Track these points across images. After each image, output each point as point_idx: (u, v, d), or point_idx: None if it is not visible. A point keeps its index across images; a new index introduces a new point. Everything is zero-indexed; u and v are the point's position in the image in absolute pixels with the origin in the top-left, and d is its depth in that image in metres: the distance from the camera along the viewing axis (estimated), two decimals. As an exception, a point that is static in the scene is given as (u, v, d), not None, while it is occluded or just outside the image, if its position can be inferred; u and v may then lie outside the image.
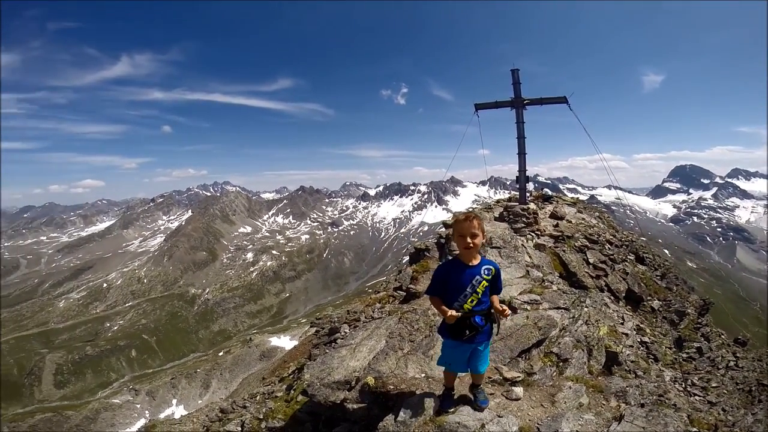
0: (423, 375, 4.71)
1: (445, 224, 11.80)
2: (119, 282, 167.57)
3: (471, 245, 3.42)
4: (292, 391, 10.44)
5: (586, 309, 7.29)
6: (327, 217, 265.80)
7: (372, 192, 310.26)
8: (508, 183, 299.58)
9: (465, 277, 3.49)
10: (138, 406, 61.17)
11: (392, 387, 4.62)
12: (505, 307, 3.59)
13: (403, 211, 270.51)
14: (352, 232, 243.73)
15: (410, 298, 8.43)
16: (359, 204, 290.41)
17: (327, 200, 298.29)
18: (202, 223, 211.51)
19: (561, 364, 5.45)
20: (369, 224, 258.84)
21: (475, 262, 3.54)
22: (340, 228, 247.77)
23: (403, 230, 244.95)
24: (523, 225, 11.43)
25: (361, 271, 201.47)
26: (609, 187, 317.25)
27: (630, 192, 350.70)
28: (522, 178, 12.36)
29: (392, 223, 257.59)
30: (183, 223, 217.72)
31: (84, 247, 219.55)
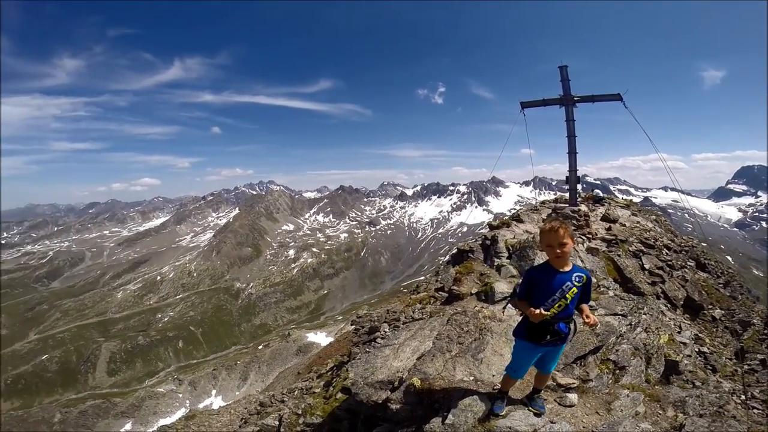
0: (471, 378, 4.65)
1: (490, 225, 11.55)
2: (171, 275, 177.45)
3: (560, 254, 3.43)
4: (331, 388, 10.58)
5: (644, 316, 7.00)
6: (365, 217, 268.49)
7: (409, 192, 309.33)
8: (553, 183, 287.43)
9: (555, 282, 3.49)
10: (180, 395, 63.48)
11: (439, 389, 4.59)
12: (593, 318, 3.54)
13: (441, 212, 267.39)
14: (389, 232, 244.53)
15: (453, 299, 8.33)
16: (396, 204, 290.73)
17: (365, 199, 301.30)
18: (248, 221, 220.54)
19: (618, 371, 5.31)
20: (406, 224, 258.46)
21: (567, 268, 3.53)
22: (378, 227, 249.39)
23: (440, 231, 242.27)
24: (573, 228, 10.95)
25: (397, 270, 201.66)
26: (665, 188, 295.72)
27: (689, 194, 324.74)
28: (572, 179, 11.84)
29: (430, 223, 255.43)
30: (230, 220, 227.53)
31: (141, 241, 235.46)
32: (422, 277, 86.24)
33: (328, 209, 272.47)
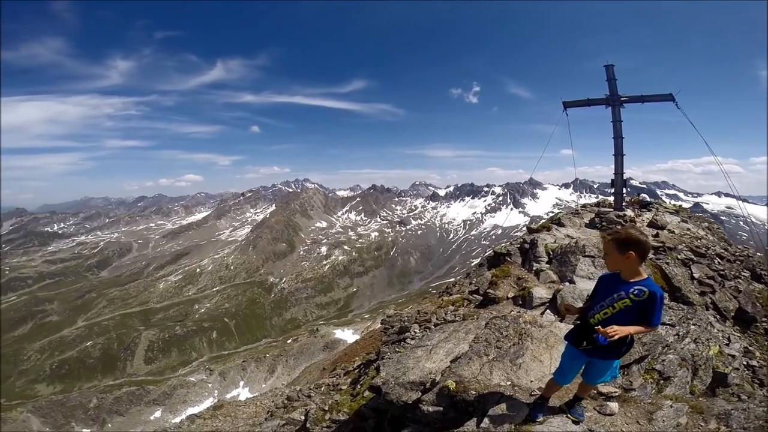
0: (509, 383, 4.58)
1: (529, 229, 11.25)
2: (210, 267, 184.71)
3: (606, 263, 3.37)
4: (358, 386, 10.66)
5: (692, 327, 6.73)
6: (396, 216, 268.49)
7: (442, 192, 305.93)
8: (595, 186, 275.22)
9: (611, 288, 3.35)
10: (209, 385, 65.73)
11: (474, 392, 4.56)
12: (614, 330, 3.16)
13: (474, 213, 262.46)
14: (419, 232, 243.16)
15: (488, 303, 8.20)
16: (428, 204, 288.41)
17: (396, 199, 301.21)
18: (283, 217, 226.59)
19: (662, 381, 5.16)
20: (437, 225, 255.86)
21: (635, 278, 3.27)
22: (408, 227, 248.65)
23: (473, 232, 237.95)
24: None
25: (426, 271, 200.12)
26: (718, 194, 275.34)
27: (746, 200, 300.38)
28: (619, 182, 11.35)
29: (462, 224, 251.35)
30: (267, 216, 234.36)
31: (184, 234, 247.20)
32: (452, 279, 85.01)
33: (360, 208, 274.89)
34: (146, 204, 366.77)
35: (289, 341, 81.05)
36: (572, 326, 3.79)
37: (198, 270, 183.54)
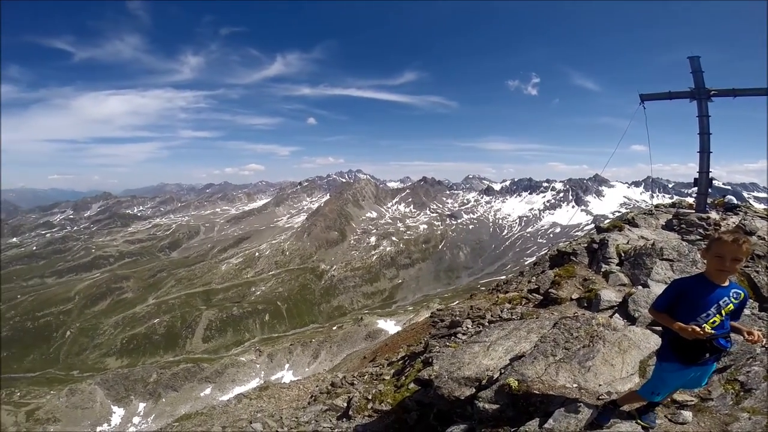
0: (575, 385, 4.45)
1: (598, 228, 10.62)
2: (268, 252, 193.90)
3: (727, 269, 3.09)
4: (403, 378, 10.64)
5: None
6: (446, 209, 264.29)
7: (497, 186, 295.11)
8: (670, 186, 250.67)
9: (712, 296, 3.16)
10: (258, 366, 68.57)
11: (537, 392, 4.47)
12: (758, 333, 3.16)
13: (531, 209, 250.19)
14: (471, 226, 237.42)
15: (549, 303, 7.91)
16: (481, 198, 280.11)
17: (448, 192, 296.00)
18: (336, 206, 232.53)
19: (742, 393, 4.81)
20: (490, 220, 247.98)
21: (726, 283, 3.19)
22: (459, 221, 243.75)
23: (529, 229, 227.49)
24: (698, 237, 9.58)
25: (476, 267, 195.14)
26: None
27: None
28: (703, 181, 10.36)
29: (517, 220, 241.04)
30: (321, 205, 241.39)
31: (245, 220, 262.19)
32: (503, 277, 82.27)
33: (410, 200, 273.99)
34: (213, 191, 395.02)
35: (334, 328, 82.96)
36: (665, 343, 3.48)
37: (257, 254, 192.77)
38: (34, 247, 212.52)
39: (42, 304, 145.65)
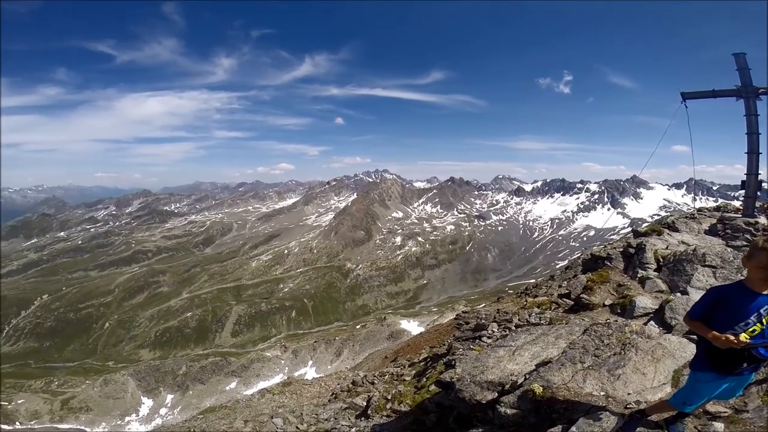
0: (602, 393, 4.31)
1: (635, 232, 10.19)
2: (296, 250, 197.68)
3: None
4: (424, 379, 10.60)
5: None
6: (474, 210, 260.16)
7: (528, 187, 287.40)
8: (714, 188, 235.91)
9: (753, 304, 3.02)
10: (282, 361, 69.16)
11: (562, 399, 4.38)
12: None
13: (564, 211, 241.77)
14: (500, 228, 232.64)
15: (580, 308, 7.66)
16: (511, 199, 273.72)
17: (476, 192, 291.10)
18: (363, 206, 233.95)
19: None
20: (520, 221, 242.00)
21: (766, 290, 3.04)
22: (488, 222, 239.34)
23: (561, 232, 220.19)
24: (745, 243, 8.99)
25: (504, 269, 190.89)
26: None
27: None
28: (752, 183, 9.76)
29: (549, 223, 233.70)
30: (349, 204, 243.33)
31: (276, 218, 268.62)
32: (532, 280, 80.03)
33: (437, 200, 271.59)
34: (246, 189, 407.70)
35: (357, 327, 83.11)
36: (700, 352, 3.32)
37: (286, 251, 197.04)
38: (80, 241, 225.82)
39: (84, 296, 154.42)
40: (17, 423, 60.48)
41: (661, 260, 7.97)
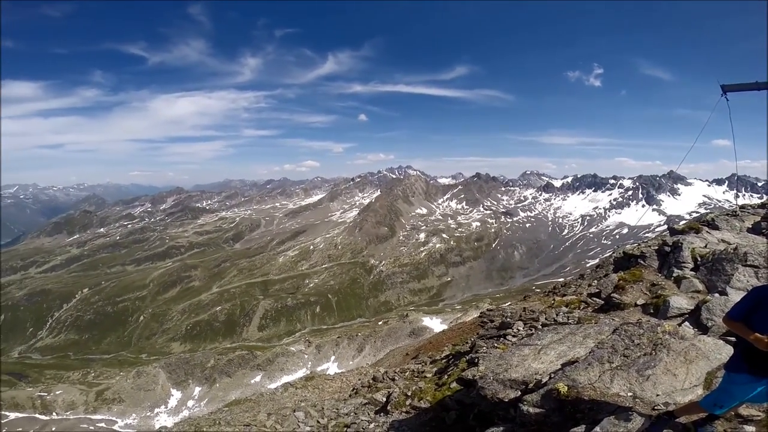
0: (630, 394, 4.22)
1: (672, 229, 9.76)
2: (322, 246, 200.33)
3: None
4: (445, 377, 10.58)
5: None
6: (501, 206, 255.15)
7: (557, 183, 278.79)
8: (759, 184, 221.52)
9: None
10: (305, 356, 69.81)
11: (587, 399, 4.33)
12: None
13: (596, 208, 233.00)
14: (527, 225, 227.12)
15: (610, 308, 7.44)
16: (540, 195, 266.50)
17: (503, 188, 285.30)
18: (387, 202, 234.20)
19: None
20: (549, 218, 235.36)
21: None
22: (515, 219, 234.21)
23: (593, 229, 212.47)
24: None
25: (532, 267, 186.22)
26: None
27: None
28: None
29: (580, 219, 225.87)
30: (372, 201, 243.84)
31: (302, 214, 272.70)
32: (561, 279, 77.73)
33: (462, 196, 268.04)
34: (273, 186, 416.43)
35: (379, 323, 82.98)
36: (737, 353, 3.22)
37: (311, 247, 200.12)
38: (118, 237, 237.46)
39: (121, 290, 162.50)
40: (54, 413, 63.63)
41: (699, 259, 7.65)
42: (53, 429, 58.62)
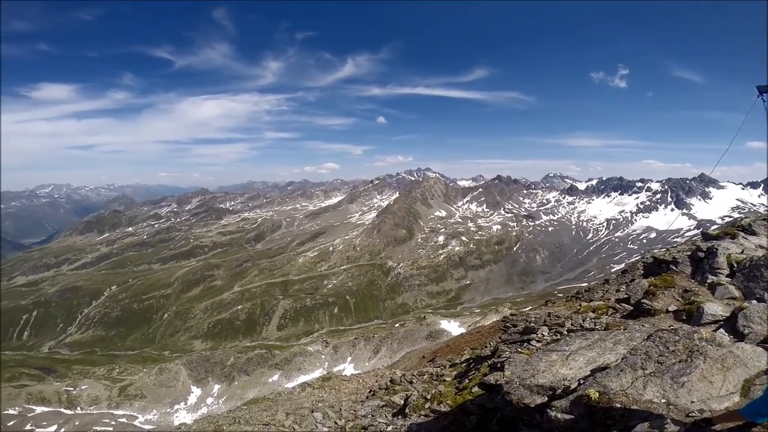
0: (663, 401, 4.16)
1: (705, 234, 9.48)
2: (341, 247, 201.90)
3: None
4: (466, 381, 10.52)
5: None
6: (523, 209, 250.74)
7: (581, 186, 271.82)
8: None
9: None
10: (323, 356, 69.98)
11: (619, 405, 4.28)
12: None
13: (622, 211, 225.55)
14: (550, 228, 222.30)
15: (640, 314, 7.30)
16: (563, 198, 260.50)
17: (525, 191, 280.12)
18: (405, 204, 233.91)
19: None
20: (573, 222, 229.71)
21: None
22: (537, 222, 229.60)
23: (618, 234, 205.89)
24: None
25: (554, 272, 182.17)
26: None
27: None
28: None
29: (605, 223, 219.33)
30: (391, 203, 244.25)
31: (322, 216, 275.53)
32: (584, 284, 75.49)
33: (482, 199, 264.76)
34: (294, 188, 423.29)
35: (396, 325, 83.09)
36: None
37: (330, 248, 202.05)
38: (145, 236, 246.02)
39: (148, 288, 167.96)
40: (78, 408, 65.58)
41: (735, 265, 7.44)
42: (76, 423, 60.14)
